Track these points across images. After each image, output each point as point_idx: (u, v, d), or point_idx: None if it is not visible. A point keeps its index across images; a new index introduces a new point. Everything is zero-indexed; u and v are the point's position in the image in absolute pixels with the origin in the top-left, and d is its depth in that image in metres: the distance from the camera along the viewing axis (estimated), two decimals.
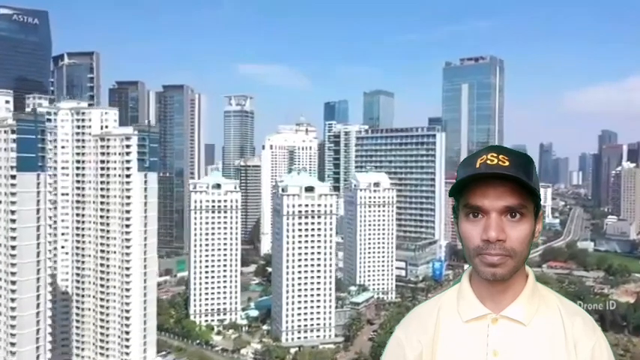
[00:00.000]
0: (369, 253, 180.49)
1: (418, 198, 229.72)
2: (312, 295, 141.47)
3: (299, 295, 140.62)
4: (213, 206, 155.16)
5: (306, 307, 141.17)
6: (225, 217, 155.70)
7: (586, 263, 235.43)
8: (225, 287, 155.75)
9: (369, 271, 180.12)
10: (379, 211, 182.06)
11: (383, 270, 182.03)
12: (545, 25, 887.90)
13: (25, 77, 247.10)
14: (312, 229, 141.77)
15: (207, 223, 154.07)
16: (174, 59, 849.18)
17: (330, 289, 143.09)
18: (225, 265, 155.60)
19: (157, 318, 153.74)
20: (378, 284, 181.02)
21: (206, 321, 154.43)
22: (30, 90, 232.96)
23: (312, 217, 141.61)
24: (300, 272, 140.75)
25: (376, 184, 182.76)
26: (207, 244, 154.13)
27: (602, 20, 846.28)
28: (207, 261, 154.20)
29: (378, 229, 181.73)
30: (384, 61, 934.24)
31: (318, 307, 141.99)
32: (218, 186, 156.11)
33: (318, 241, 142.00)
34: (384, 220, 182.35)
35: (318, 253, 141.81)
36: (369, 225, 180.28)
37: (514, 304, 3.16)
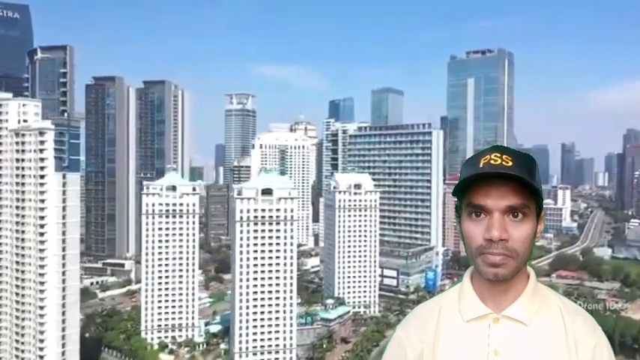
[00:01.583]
0: (349, 262, 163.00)
1: (413, 201, 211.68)
2: (269, 312, 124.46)
3: (254, 313, 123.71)
4: (167, 210, 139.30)
5: (262, 326, 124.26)
6: (181, 223, 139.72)
7: (600, 272, 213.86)
8: (181, 300, 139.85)
9: (348, 282, 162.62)
10: (360, 215, 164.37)
11: (365, 281, 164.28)
12: (554, 24, 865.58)
13: (4, 73, 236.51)
14: (270, 237, 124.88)
15: (160, 229, 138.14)
16: (176, 59, 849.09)
17: (292, 304, 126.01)
18: (181, 276, 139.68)
19: (107, 334, 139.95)
20: (359, 297, 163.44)
21: (159, 338, 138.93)
22: (7, 86, 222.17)
23: (270, 224, 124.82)
24: (255, 286, 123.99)
25: (357, 186, 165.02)
26: (160, 253, 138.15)
27: (616, 20, 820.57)
28: (160, 271, 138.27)
29: (359, 236, 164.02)
30: (393, 61, 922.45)
31: (277, 325, 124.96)
32: (173, 188, 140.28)
33: (277, 250, 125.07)
34: (365, 226, 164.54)
35: (277, 264, 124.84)
36: (349, 231, 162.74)
37: (515, 303, 3.18)
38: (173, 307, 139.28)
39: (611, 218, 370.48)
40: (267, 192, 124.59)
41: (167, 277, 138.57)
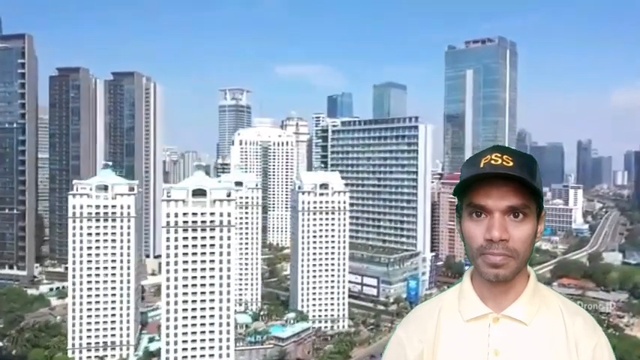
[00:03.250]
0: (314, 271, 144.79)
1: (399, 201, 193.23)
2: (203, 332, 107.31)
3: (184, 333, 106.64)
4: (98, 213, 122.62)
5: (194, 348, 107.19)
6: (114, 227, 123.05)
7: (607, 281, 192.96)
8: (114, 315, 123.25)
9: (313, 294, 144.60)
10: (327, 218, 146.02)
11: (331, 292, 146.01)
12: (557, 24, 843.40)
13: None
14: (203, 245, 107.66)
15: (89, 234, 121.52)
16: (181, 57, 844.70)
17: (228, 323, 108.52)
18: (114, 288, 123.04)
19: (33, 351, 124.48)
20: (325, 310, 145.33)
21: (88, 357, 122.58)
22: None
23: (204, 230, 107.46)
24: (186, 302, 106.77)
25: (323, 186, 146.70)
26: (89, 261, 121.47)
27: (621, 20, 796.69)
28: (89, 282, 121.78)
29: (326, 242, 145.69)
30: (400, 59, 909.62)
31: (212, 347, 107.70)
32: (105, 188, 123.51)
33: (211, 260, 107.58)
34: (332, 230, 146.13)
35: (212, 276, 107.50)
36: (314, 236, 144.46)
37: (515, 303, 3.19)
38: (105, 322, 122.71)
39: (626, 219, 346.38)
40: (199, 193, 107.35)
41: (98, 288, 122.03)
